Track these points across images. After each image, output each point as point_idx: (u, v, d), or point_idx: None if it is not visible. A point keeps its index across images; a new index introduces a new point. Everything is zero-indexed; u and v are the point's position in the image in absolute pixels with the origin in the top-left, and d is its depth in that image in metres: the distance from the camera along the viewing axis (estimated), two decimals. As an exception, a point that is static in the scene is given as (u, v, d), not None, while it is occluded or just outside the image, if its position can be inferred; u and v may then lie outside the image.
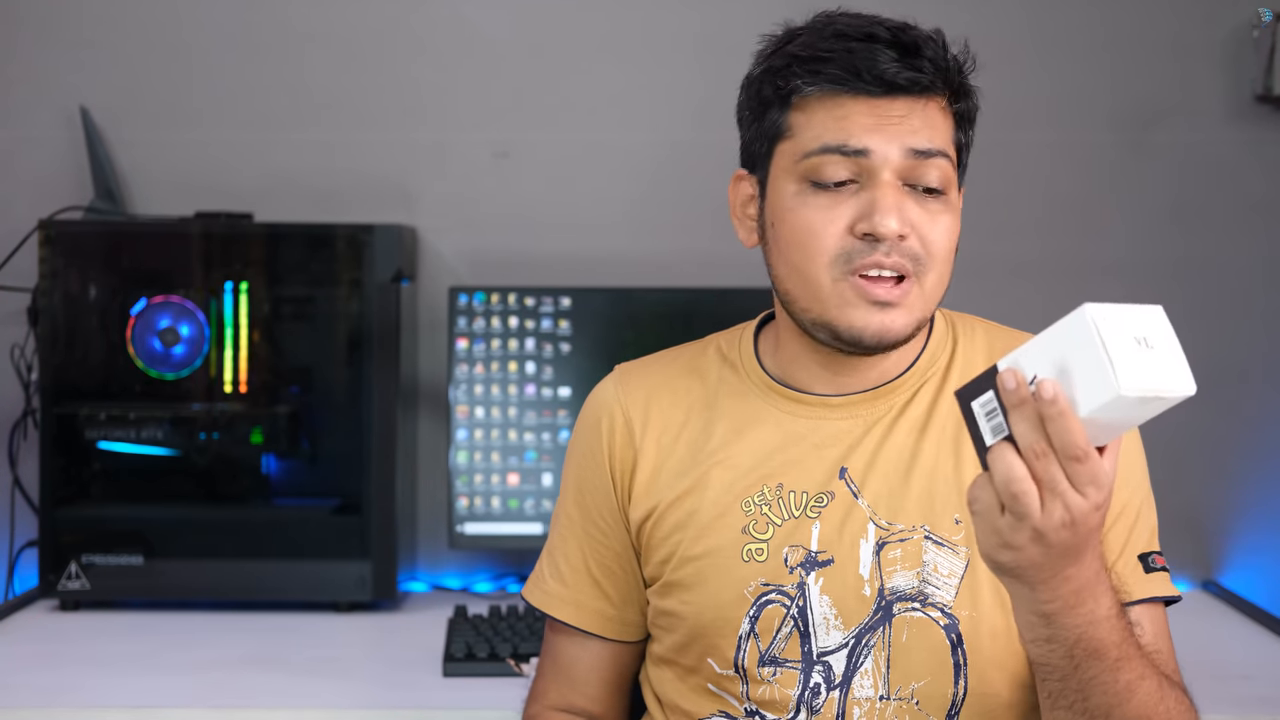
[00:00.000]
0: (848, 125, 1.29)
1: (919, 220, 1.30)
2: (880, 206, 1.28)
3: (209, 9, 2.44)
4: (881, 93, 1.29)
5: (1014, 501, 1.07)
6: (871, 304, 1.30)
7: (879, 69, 1.28)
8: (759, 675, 1.35)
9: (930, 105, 1.30)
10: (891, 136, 1.29)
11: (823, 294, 1.31)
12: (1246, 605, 2.28)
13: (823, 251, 1.30)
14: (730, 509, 1.36)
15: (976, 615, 1.32)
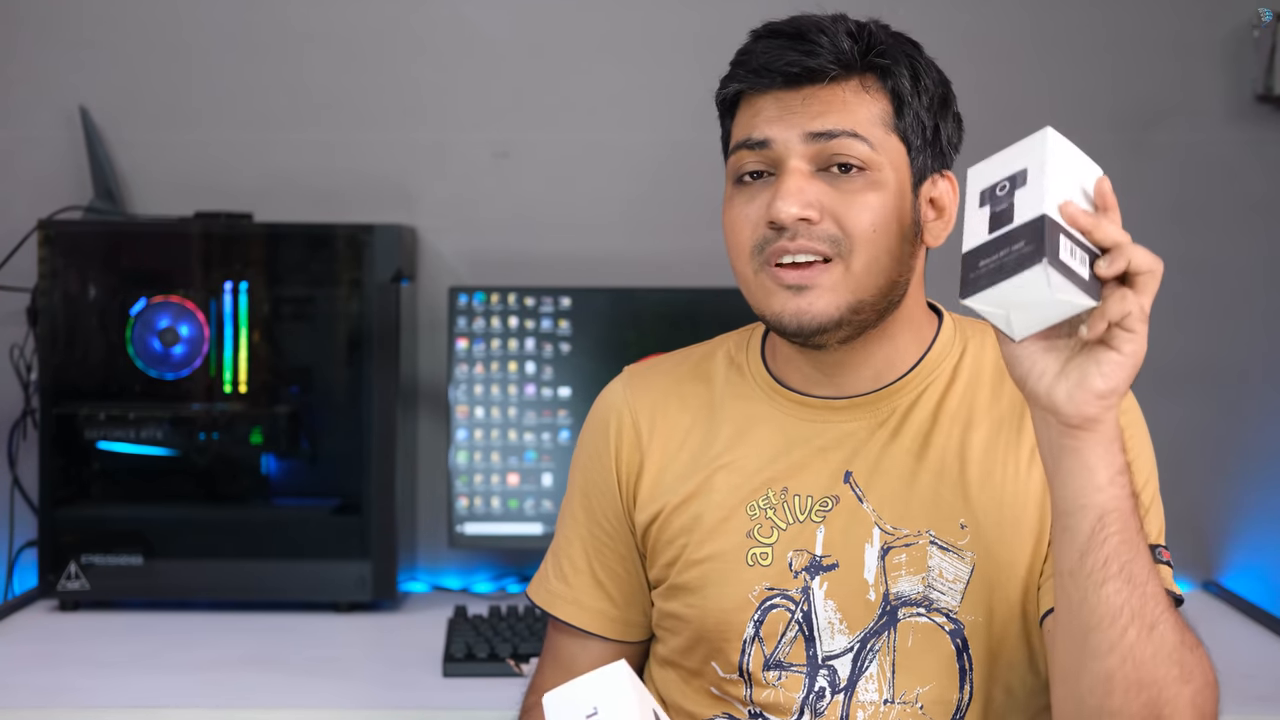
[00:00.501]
0: (757, 120, 1.32)
1: (832, 202, 1.29)
2: (779, 191, 1.29)
3: (209, 9, 2.44)
4: (783, 84, 1.31)
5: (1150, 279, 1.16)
6: (785, 288, 1.30)
7: (775, 63, 1.31)
8: (763, 679, 1.34)
9: (840, 89, 1.31)
10: (791, 124, 1.30)
11: (749, 287, 1.33)
12: (1246, 605, 2.28)
13: (743, 245, 1.33)
14: (735, 513, 1.36)
15: (981, 620, 1.32)
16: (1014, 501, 1.33)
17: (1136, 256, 1.15)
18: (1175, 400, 2.38)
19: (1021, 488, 1.33)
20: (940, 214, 1.37)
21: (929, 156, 1.35)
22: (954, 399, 1.37)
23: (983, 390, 1.37)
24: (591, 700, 1.14)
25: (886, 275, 1.31)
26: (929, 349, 1.39)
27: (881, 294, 1.31)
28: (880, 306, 1.32)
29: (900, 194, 1.32)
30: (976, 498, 1.33)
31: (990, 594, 1.32)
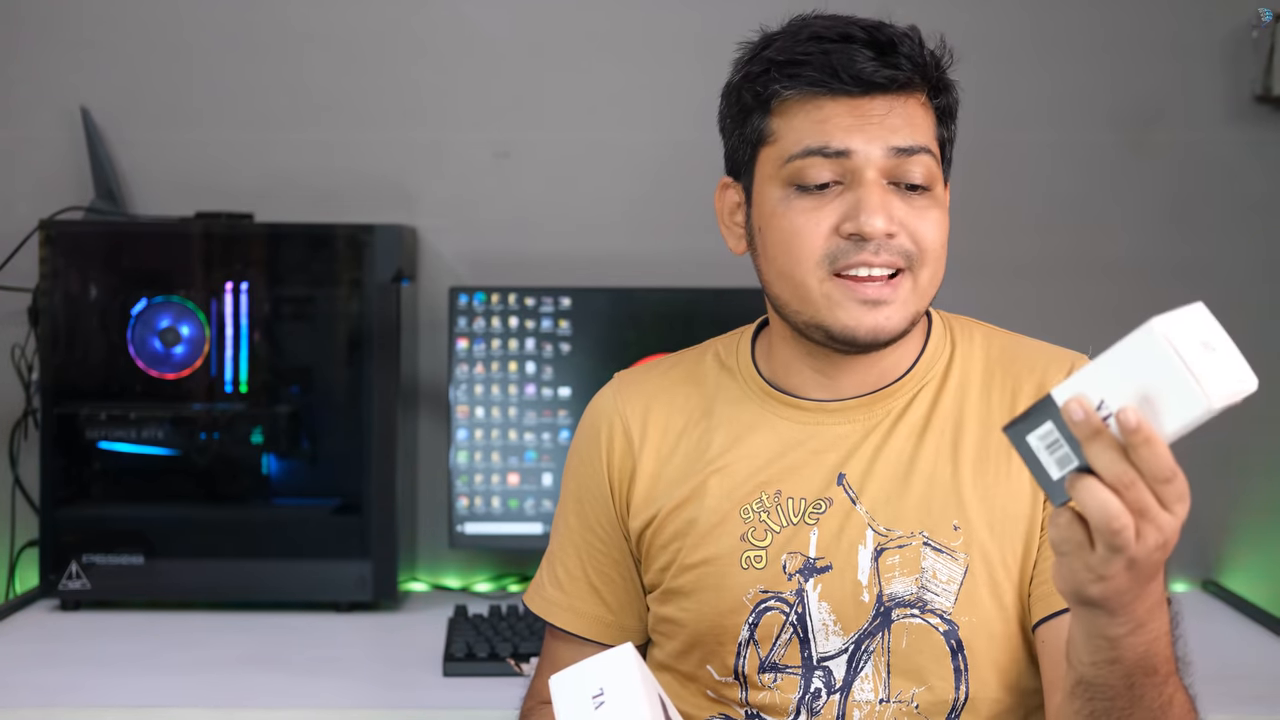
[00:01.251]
0: (828, 127, 1.29)
1: (907, 217, 1.30)
2: (866, 206, 1.28)
3: (209, 9, 2.44)
4: (860, 92, 1.29)
5: (1114, 537, 1.01)
6: (862, 303, 1.30)
7: (856, 68, 1.28)
8: (759, 681, 1.34)
9: (910, 102, 1.31)
10: (873, 136, 1.29)
11: (812, 296, 1.31)
12: (1246, 605, 2.28)
13: (809, 254, 1.30)
14: (729, 516, 1.36)
15: (975, 621, 1.32)
16: (1006, 502, 1.33)
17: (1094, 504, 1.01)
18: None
19: (1014, 488, 1.33)
20: None
21: (946, 168, 1.37)
22: (946, 400, 1.37)
23: (973, 391, 1.37)
24: (598, 681, 1.14)
25: (936, 289, 1.34)
26: (923, 350, 1.39)
27: (929, 305, 1.35)
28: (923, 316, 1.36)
29: (946, 209, 1.34)
30: (969, 499, 1.33)
31: (984, 595, 1.32)
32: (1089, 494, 1.01)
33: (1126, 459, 1.00)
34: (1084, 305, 2.43)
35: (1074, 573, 1.05)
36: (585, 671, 1.15)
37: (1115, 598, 1.06)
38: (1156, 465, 1.01)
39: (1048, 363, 1.38)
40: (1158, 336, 1.01)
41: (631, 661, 1.15)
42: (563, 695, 1.15)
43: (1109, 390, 1.02)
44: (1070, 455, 1.03)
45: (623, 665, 1.15)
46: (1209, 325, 1.04)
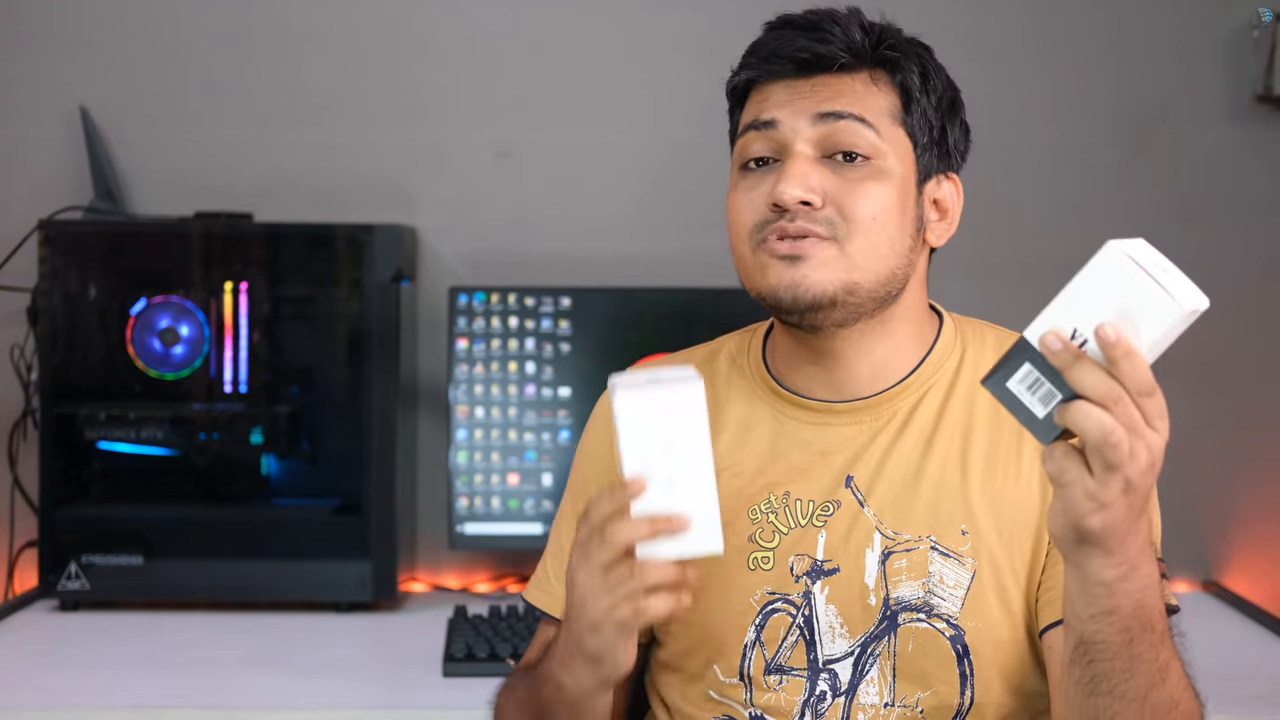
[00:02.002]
0: (766, 105, 1.34)
1: (835, 189, 1.30)
2: (784, 175, 1.30)
3: (209, 9, 2.44)
4: (794, 72, 1.33)
5: (1112, 451, 1.04)
6: (780, 260, 1.30)
7: (785, 49, 1.33)
8: (764, 683, 1.34)
9: (848, 79, 1.33)
10: (801, 108, 1.32)
11: (747, 266, 1.34)
12: (1246, 605, 2.28)
13: (743, 226, 1.34)
14: (737, 517, 1.36)
15: (982, 626, 1.31)
16: (1015, 507, 1.33)
17: (1089, 424, 1.04)
18: (1175, 400, 2.35)
19: (1023, 494, 1.33)
20: (943, 215, 1.38)
21: (935, 156, 1.36)
22: (956, 403, 1.37)
23: (983, 395, 1.37)
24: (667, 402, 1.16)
25: (885, 264, 1.32)
26: (929, 351, 1.39)
27: (879, 282, 1.32)
28: (878, 295, 1.32)
29: (904, 188, 1.33)
30: (978, 504, 1.33)
31: (991, 600, 1.31)
32: (1082, 415, 1.04)
33: (1111, 376, 1.04)
34: (1085, 305, 2.42)
35: (1074, 504, 1.07)
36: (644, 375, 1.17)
37: (1114, 529, 1.08)
38: (1138, 378, 1.05)
39: None
40: (1117, 254, 1.07)
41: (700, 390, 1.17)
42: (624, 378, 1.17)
43: (1079, 318, 1.07)
44: (1053, 390, 1.06)
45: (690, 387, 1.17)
46: (1155, 253, 1.10)
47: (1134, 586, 1.12)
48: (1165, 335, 1.07)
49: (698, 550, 1.17)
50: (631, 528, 1.16)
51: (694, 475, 1.16)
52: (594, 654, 1.21)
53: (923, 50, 1.37)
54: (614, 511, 1.17)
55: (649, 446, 1.16)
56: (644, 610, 1.17)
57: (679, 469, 1.16)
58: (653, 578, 1.17)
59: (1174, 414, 1.06)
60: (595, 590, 1.19)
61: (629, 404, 1.15)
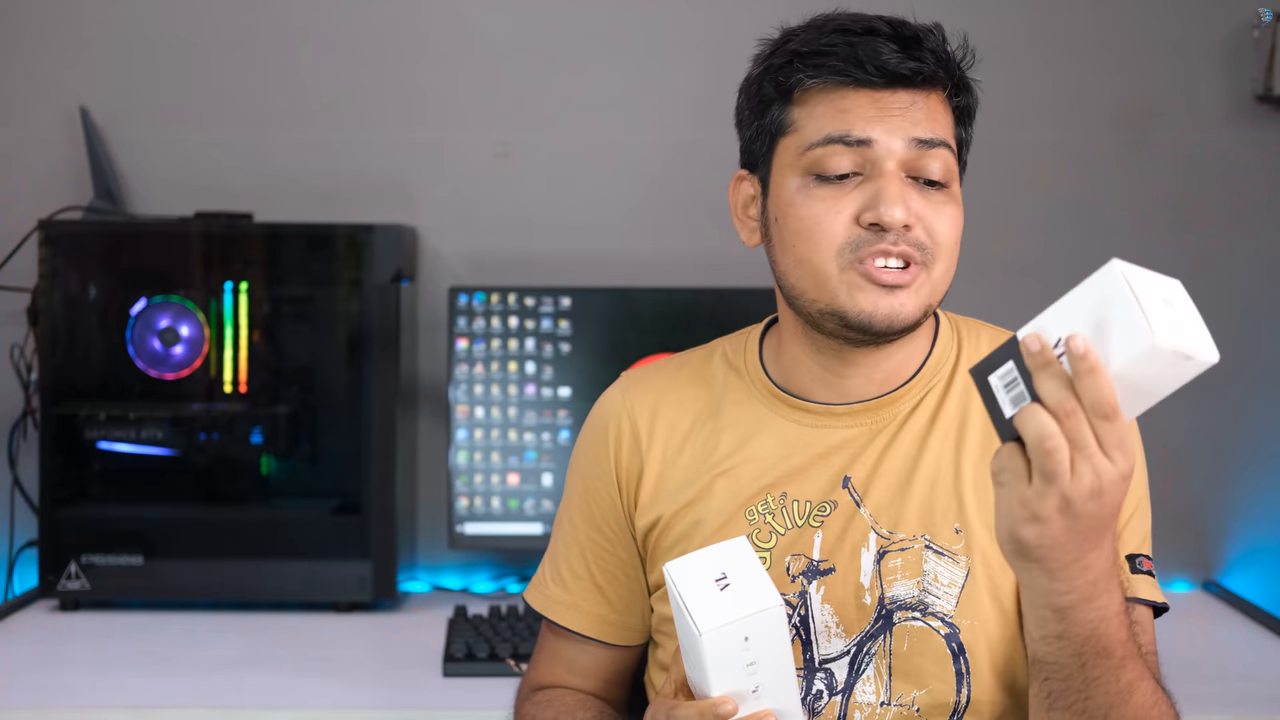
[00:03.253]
0: (850, 117, 1.30)
1: (923, 211, 1.30)
2: (886, 197, 1.28)
3: (209, 9, 2.44)
4: (883, 84, 1.30)
5: (1046, 459, 1.04)
6: (880, 288, 1.29)
7: (881, 60, 1.29)
8: None
9: (931, 97, 1.31)
10: (894, 127, 1.29)
11: (830, 283, 1.30)
12: (1246, 605, 2.28)
13: (829, 242, 1.30)
14: (734, 518, 1.36)
15: (976, 624, 1.31)
16: None
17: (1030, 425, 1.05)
18: (1175, 400, 2.36)
19: None
20: None
21: (962, 169, 1.37)
22: (951, 402, 1.37)
23: (976, 393, 1.37)
24: (720, 566, 1.17)
25: (948, 284, 1.34)
26: (930, 352, 1.39)
27: (941, 300, 1.34)
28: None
29: (960, 206, 1.34)
30: (971, 502, 1.33)
31: (986, 598, 1.32)
32: (1029, 416, 1.05)
33: (1071, 390, 1.04)
34: (1085, 305, 2.42)
35: (1009, 509, 1.08)
36: (704, 557, 1.18)
37: (1053, 551, 1.08)
38: (1098, 396, 1.04)
39: None
40: (1115, 273, 1.04)
41: (749, 549, 1.19)
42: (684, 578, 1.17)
43: (1066, 327, 1.06)
44: (1024, 393, 1.07)
45: (743, 551, 1.18)
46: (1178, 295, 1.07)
47: (1086, 617, 1.12)
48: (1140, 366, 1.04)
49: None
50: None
51: (781, 680, 1.18)
52: None
53: None
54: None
55: (735, 667, 1.16)
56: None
57: (765, 679, 1.17)
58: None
59: (1174, 414, 1.06)
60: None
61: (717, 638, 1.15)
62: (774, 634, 1.16)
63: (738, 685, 1.16)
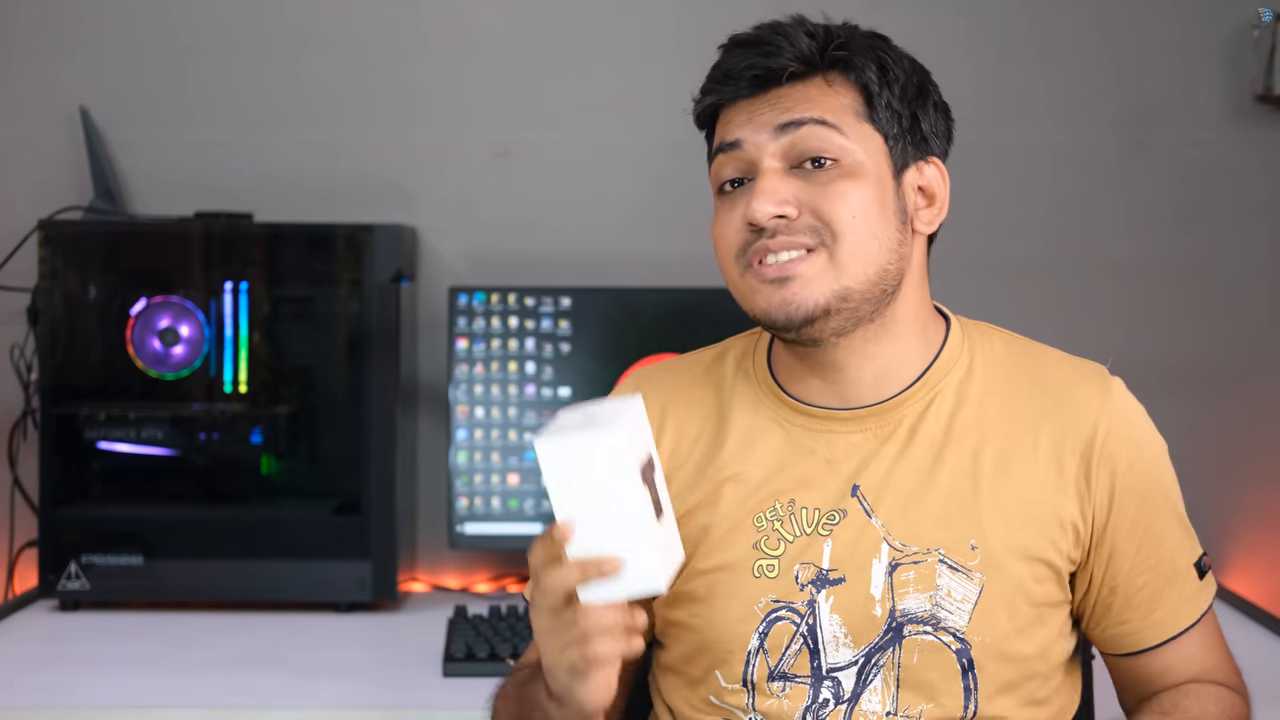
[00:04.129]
0: (729, 127, 1.35)
1: (808, 195, 1.30)
2: (754, 192, 1.30)
3: (208, 9, 2.44)
4: (750, 91, 1.33)
5: None
6: (769, 284, 1.30)
7: (736, 69, 1.33)
8: (768, 689, 1.33)
9: (802, 87, 1.32)
10: (761, 123, 1.32)
11: (739, 289, 1.34)
12: (1246, 605, 2.28)
13: (728, 250, 1.34)
14: (742, 524, 1.35)
15: (989, 641, 1.30)
16: (1025, 523, 1.31)
17: None
18: (1176, 400, 2.37)
19: (1038, 510, 1.32)
20: (931, 201, 1.36)
21: (909, 144, 1.34)
22: (967, 412, 1.35)
23: (996, 404, 1.35)
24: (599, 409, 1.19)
25: (874, 263, 1.30)
26: (937, 356, 1.37)
27: (871, 282, 1.31)
28: (872, 296, 1.31)
29: (880, 182, 1.31)
30: (988, 517, 1.31)
31: (1000, 615, 1.30)
32: None
33: None
34: (1086, 305, 2.43)
35: None
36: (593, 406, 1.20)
37: None
38: None
39: (1076, 384, 1.36)
40: None
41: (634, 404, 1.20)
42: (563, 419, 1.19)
43: None
44: None
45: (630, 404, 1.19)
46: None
47: None
48: None
49: (636, 590, 1.18)
50: (563, 574, 1.18)
51: (625, 515, 1.17)
52: (556, 694, 1.23)
53: (879, 42, 1.35)
54: (549, 557, 1.19)
55: (574, 491, 1.17)
56: (591, 656, 1.18)
57: (609, 511, 1.17)
58: (595, 623, 1.18)
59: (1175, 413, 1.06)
60: (543, 635, 1.22)
61: (549, 452, 1.16)
62: (615, 464, 1.15)
63: (579, 511, 1.17)
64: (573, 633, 1.18)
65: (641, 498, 1.17)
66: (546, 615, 1.20)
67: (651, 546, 1.18)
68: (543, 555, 1.19)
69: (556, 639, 1.20)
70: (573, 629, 1.18)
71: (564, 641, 1.19)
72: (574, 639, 1.19)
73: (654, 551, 1.18)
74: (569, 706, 1.23)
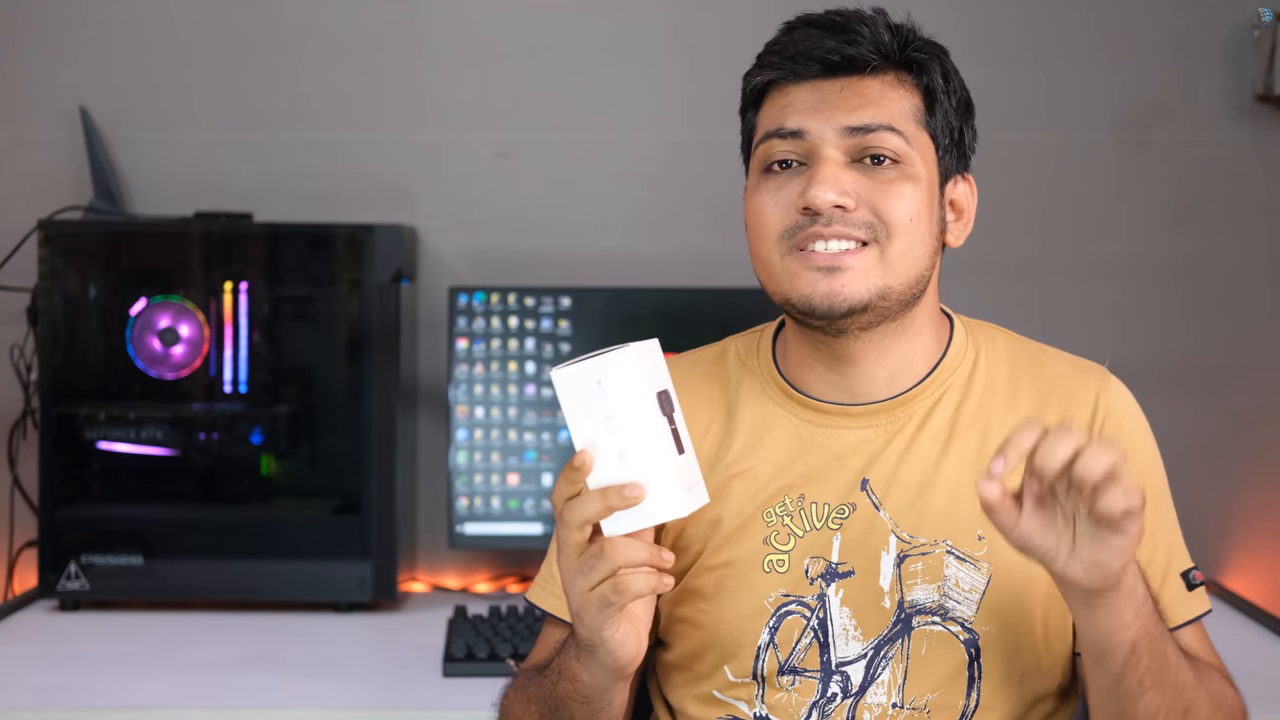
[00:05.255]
0: (788, 111, 1.32)
1: (867, 191, 1.29)
2: (815, 179, 1.29)
3: (208, 9, 2.44)
4: (819, 73, 1.31)
5: None
6: (816, 270, 1.29)
7: (812, 51, 1.31)
8: (778, 684, 1.34)
9: (874, 82, 1.31)
10: (828, 116, 1.30)
11: (775, 271, 1.32)
12: (1246, 605, 2.28)
13: (771, 230, 1.32)
14: (752, 520, 1.35)
15: (996, 631, 1.31)
16: None
17: None
18: (1176, 400, 2.38)
19: None
20: (959, 216, 1.38)
21: (954, 158, 1.36)
22: (971, 406, 1.36)
23: (999, 398, 1.36)
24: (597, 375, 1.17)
25: (916, 267, 1.31)
26: (944, 354, 1.38)
27: (909, 285, 1.32)
28: (906, 298, 1.32)
29: (930, 189, 1.32)
30: None
31: (1006, 605, 1.31)
32: None
33: None
34: (1086, 305, 2.43)
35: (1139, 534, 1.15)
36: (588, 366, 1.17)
37: None
38: None
39: (1074, 379, 1.37)
40: None
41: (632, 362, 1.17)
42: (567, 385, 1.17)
43: None
44: None
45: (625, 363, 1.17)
46: None
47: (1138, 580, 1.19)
48: None
49: (660, 516, 1.17)
50: (584, 504, 1.16)
51: (643, 441, 1.16)
52: (585, 642, 1.22)
53: (943, 52, 1.36)
54: (570, 491, 1.17)
55: (591, 420, 1.16)
56: (623, 588, 1.17)
57: (627, 438, 1.15)
58: (622, 556, 1.16)
59: (1175, 413, 1.06)
60: (571, 575, 1.19)
61: (566, 380, 1.16)
62: (629, 386, 1.15)
63: (598, 440, 1.16)
64: (601, 567, 1.17)
65: (659, 424, 1.16)
66: (572, 554, 1.18)
67: (673, 472, 1.16)
68: (564, 490, 1.17)
69: (585, 577, 1.18)
70: (601, 564, 1.17)
71: (592, 579, 1.17)
72: (602, 574, 1.17)
73: (675, 477, 1.16)
74: (599, 654, 1.22)
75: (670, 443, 1.16)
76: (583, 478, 1.16)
